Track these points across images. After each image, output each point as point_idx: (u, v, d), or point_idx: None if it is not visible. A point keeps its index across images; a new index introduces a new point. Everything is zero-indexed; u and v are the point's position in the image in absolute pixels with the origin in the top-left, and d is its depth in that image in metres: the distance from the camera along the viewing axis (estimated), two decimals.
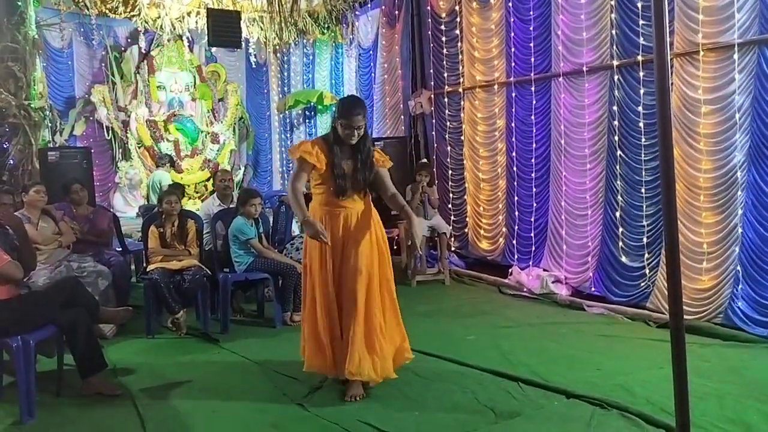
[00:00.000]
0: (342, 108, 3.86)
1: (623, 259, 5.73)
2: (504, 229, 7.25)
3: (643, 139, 5.47)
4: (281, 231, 7.03)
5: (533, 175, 6.76)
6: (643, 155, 5.49)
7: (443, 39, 7.86)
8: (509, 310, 5.88)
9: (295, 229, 7.86)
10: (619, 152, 5.72)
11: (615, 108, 5.72)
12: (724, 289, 4.90)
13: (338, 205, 3.90)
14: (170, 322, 5.38)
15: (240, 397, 3.97)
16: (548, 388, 3.84)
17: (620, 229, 5.74)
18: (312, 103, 11.39)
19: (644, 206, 5.52)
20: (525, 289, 6.39)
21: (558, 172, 6.43)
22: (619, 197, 5.75)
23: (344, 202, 3.90)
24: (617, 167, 5.74)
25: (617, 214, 5.77)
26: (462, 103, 7.72)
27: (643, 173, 5.50)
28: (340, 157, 3.85)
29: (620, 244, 5.75)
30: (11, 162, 8.17)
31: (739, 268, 4.82)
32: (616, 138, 5.73)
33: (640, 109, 5.47)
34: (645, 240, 5.52)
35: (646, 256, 5.52)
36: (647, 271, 5.52)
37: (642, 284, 5.56)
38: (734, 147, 4.84)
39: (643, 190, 5.52)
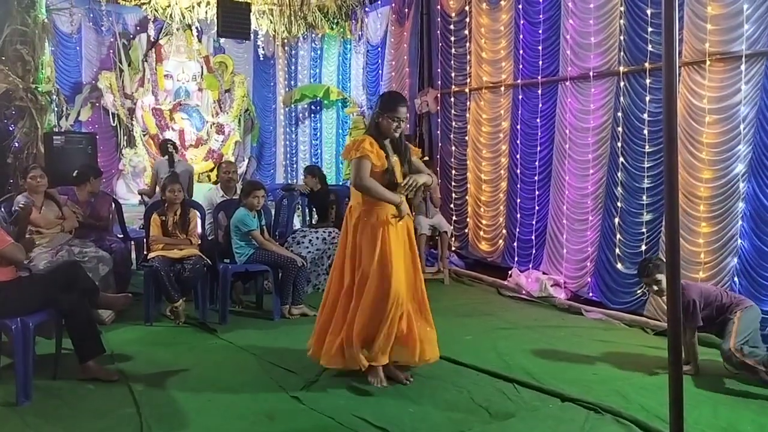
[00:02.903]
0: (387, 101, 3.98)
1: (619, 266, 5.74)
2: (504, 231, 7.26)
3: (647, 147, 5.47)
4: (282, 224, 7.05)
5: (536, 177, 6.76)
6: (645, 162, 5.49)
7: (452, 39, 7.87)
8: (507, 312, 5.90)
9: (297, 223, 7.87)
10: (621, 159, 5.72)
11: (620, 114, 5.72)
12: None
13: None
14: (169, 310, 5.40)
15: (236, 387, 3.98)
16: (543, 391, 3.86)
17: (617, 236, 5.74)
18: (318, 98, 11.40)
19: (644, 213, 5.52)
20: (524, 292, 6.40)
21: (560, 176, 6.43)
22: (618, 203, 5.75)
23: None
24: (618, 174, 5.74)
25: (615, 220, 5.77)
26: (468, 103, 7.72)
27: (645, 180, 5.50)
28: (389, 153, 3.92)
29: (617, 250, 5.75)
30: (16, 145, 8.18)
31: (736, 279, 4.83)
32: (619, 144, 5.73)
33: (645, 116, 5.48)
34: (643, 247, 5.52)
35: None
36: None
37: (638, 292, 5.56)
38: (736, 157, 4.84)
39: (644, 198, 5.52)
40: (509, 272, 6.80)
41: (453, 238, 7.77)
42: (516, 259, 6.99)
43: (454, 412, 3.60)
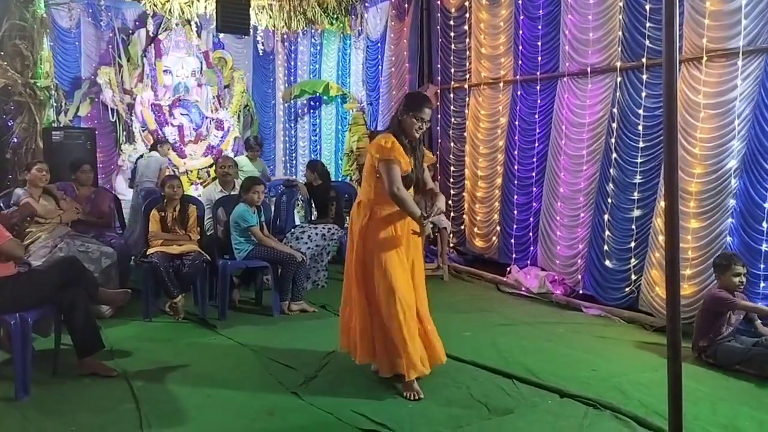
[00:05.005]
0: (414, 100, 3.91)
1: (606, 262, 5.74)
2: (497, 228, 7.25)
3: (641, 143, 5.46)
4: (282, 220, 7.04)
5: (533, 174, 6.75)
6: (638, 158, 5.48)
7: (451, 34, 7.85)
8: (506, 308, 5.90)
9: (297, 219, 7.86)
10: (614, 155, 5.70)
11: (615, 110, 5.71)
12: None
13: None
14: (168, 306, 5.39)
15: (235, 383, 3.98)
16: (542, 387, 3.87)
17: (606, 233, 5.74)
18: (318, 94, 11.38)
19: (634, 209, 5.51)
20: (523, 288, 6.40)
21: (554, 172, 6.42)
22: (609, 200, 5.74)
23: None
24: (611, 170, 5.73)
25: (605, 216, 5.76)
26: (467, 99, 7.71)
27: (637, 176, 5.49)
28: (407, 154, 3.86)
29: (605, 247, 5.75)
30: (15, 140, 8.17)
31: None
32: (613, 140, 5.72)
33: (640, 111, 5.46)
34: (632, 244, 5.52)
35: (633, 261, 5.52)
36: (633, 275, 5.53)
37: (626, 289, 5.56)
38: (729, 153, 4.81)
39: (635, 193, 5.50)
40: (508, 269, 6.80)
41: (451, 235, 7.77)
42: (514, 255, 6.98)
43: (452, 408, 3.61)
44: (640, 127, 5.46)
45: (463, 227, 7.83)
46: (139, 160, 9.05)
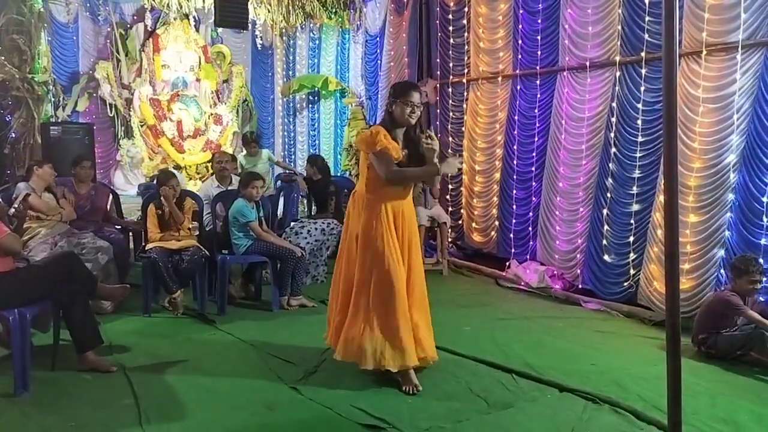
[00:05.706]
0: (399, 88, 3.86)
1: (605, 257, 5.74)
2: (496, 223, 7.24)
3: (640, 137, 5.45)
4: (281, 215, 7.03)
5: (532, 168, 6.74)
6: (637, 152, 5.47)
7: (450, 28, 7.83)
8: (506, 303, 5.91)
9: (297, 213, 7.85)
10: (613, 149, 5.69)
11: (614, 104, 5.70)
12: (705, 293, 4.84)
13: (398, 194, 3.84)
14: (167, 301, 5.38)
15: (234, 378, 3.98)
16: (542, 381, 3.87)
17: (605, 227, 5.74)
18: (316, 88, 11.36)
19: (633, 204, 5.51)
20: (522, 283, 6.40)
21: (553, 167, 6.41)
22: (608, 194, 5.73)
23: (403, 191, 3.87)
24: (610, 164, 5.73)
25: (604, 211, 5.76)
26: (466, 93, 7.69)
27: (636, 170, 5.48)
28: (400, 146, 3.81)
29: (604, 241, 5.75)
30: (13, 135, 8.16)
31: (722, 271, 4.81)
32: (612, 134, 5.71)
33: (639, 105, 5.45)
34: (631, 238, 5.52)
35: (632, 256, 5.51)
36: (631, 269, 5.53)
37: (625, 283, 5.57)
38: (728, 148, 4.81)
39: (633, 188, 5.50)
40: (507, 263, 6.80)
41: (450, 229, 7.76)
42: (513, 250, 6.98)
43: (452, 402, 3.61)
44: (639, 122, 5.45)
45: (461, 222, 7.83)
46: None
